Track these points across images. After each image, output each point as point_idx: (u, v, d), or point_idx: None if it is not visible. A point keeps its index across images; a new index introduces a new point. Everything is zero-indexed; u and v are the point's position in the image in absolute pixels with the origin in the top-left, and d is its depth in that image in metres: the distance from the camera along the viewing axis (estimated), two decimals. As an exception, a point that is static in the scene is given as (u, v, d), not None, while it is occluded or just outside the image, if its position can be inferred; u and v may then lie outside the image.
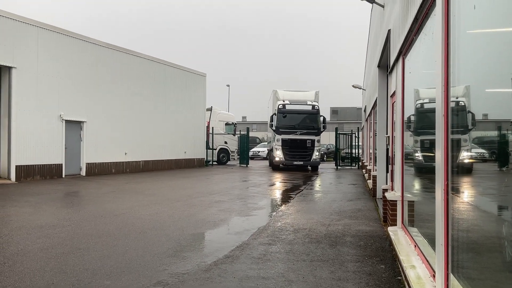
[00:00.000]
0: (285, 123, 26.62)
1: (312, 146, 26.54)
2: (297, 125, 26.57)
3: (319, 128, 26.85)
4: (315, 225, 9.11)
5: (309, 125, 26.65)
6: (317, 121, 26.75)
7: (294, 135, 26.38)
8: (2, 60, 16.88)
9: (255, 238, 7.93)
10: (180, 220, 9.60)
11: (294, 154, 26.46)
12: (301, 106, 26.90)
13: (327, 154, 43.81)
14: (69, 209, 11.00)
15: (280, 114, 26.61)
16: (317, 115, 26.84)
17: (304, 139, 26.39)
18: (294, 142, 26.40)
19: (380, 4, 11.43)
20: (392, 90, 8.82)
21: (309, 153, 26.54)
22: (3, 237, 7.71)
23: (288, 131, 26.45)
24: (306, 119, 26.74)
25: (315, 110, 26.81)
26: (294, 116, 26.73)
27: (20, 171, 17.52)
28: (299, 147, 26.39)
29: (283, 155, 26.44)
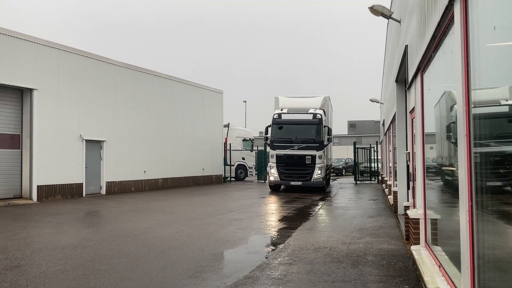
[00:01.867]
0: (281, 135, 22.33)
1: (313, 163, 21.76)
2: (294, 138, 22.05)
3: (321, 141, 22.01)
4: (336, 244, 9.00)
5: (309, 137, 21.97)
6: (319, 133, 22.02)
7: (290, 150, 21.91)
8: (24, 82, 17.26)
9: (275, 257, 7.85)
10: (199, 239, 9.58)
11: (290, 173, 21.99)
12: (300, 115, 22.47)
13: (346, 168, 43.47)
14: (90, 229, 11.07)
15: (276, 125, 22.50)
16: (319, 126, 22.03)
17: (302, 155, 21.83)
18: (290, 159, 21.92)
19: (397, 20, 11.40)
20: (411, 106, 8.74)
21: (309, 171, 21.80)
22: (25, 258, 7.78)
23: (284, 145, 22.08)
24: (305, 130, 22.08)
25: (316, 119, 22.02)
26: (291, 128, 22.28)
27: (41, 191, 17.76)
28: (296, 164, 21.89)
29: (278, 173, 22.17)
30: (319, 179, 21.92)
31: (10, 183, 17.36)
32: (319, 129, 22.04)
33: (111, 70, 21.72)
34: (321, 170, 21.90)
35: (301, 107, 23.11)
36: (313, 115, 22.16)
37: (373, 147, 33.21)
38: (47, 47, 18.31)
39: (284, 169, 22.13)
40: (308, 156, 21.80)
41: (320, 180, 21.95)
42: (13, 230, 10.78)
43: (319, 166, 21.82)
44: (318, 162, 21.81)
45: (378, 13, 11.26)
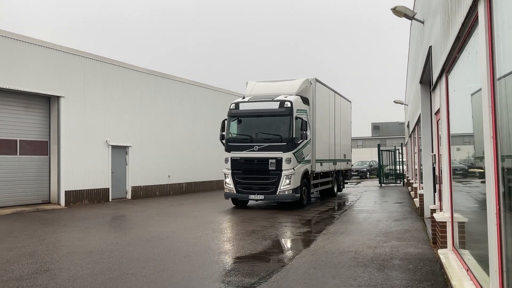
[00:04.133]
0: (238, 132, 16.83)
1: (278, 168, 15.68)
2: (255, 135, 16.29)
3: (291, 139, 15.86)
4: (361, 247, 8.93)
5: (275, 134, 16.07)
6: (288, 128, 15.98)
7: (249, 152, 16.15)
8: (52, 90, 17.66)
9: (299, 261, 7.84)
10: (224, 243, 9.63)
11: (249, 183, 16.18)
12: (263, 103, 16.55)
13: (370, 171, 43.03)
14: (117, 233, 11.25)
15: (231, 118, 16.93)
16: (288, 118, 15.97)
17: (264, 158, 15.90)
18: (249, 163, 16.17)
19: (420, 20, 11.28)
20: (436, 108, 8.63)
21: (273, 180, 15.76)
22: (54, 263, 7.96)
23: (241, 146, 16.37)
24: (269, 124, 16.38)
25: (283, 109, 16.01)
26: (250, 121, 16.65)
27: (69, 196, 18.12)
28: (256, 172, 16.06)
29: (234, 184, 16.35)
30: (287, 192, 15.61)
31: (39, 188, 17.77)
32: (288, 122, 15.90)
33: (135, 76, 22.05)
34: (290, 178, 15.62)
35: (270, 94, 17.13)
36: (279, 103, 16.06)
37: (398, 149, 32.82)
38: (73, 55, 18.70)
39: (241, 177, 16.21)
40: (272, 160, 15.71)
41: (289, 194, 15.62)
42: (42, 234, 11.03)
43: (287, 174, 15.56)
44: (286, 168, 15.61)
45: (401, 14, 11.17)
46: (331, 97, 20.96)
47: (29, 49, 16.83)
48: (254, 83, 18.40)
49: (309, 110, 17.62)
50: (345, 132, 23.95)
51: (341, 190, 23.21)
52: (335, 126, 21.39)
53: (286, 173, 15.57)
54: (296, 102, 16.36)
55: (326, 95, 20.08)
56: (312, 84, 18.11)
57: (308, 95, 17.83)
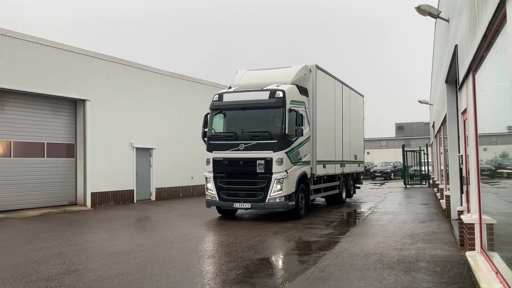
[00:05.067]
0: (221, 129, 14.44)
1: (268, 171, 13.15)
2: (240, 132, 13.74)
3: (283, 136, 13.21)
4: (386, 250, 8.82)
5: (263, 130, 13.47)
6: (280, 122, 13.36)
7: (233, 151, 13.64)
8: (78, 94, 17.99)
9: (325, 262, 7.79)
10: (247, 244, 9.64)
11: (234, 189, 13.68)
12: (250, 94, 14.02)
13: (394, 172, 42.51)
14: (142, 235, 11.38)
15: (214, 112, 14.53)
16: (279, 110, 13.34)
17: (250, 159, 13.38)
18: (233, 165, 13.69)
19: (445, 19, 11.11)
20: (463, 107, 8.48)
21: (261, 186, 13.19)
22: (81, 263, 8.10)
23: (225, 144, 13.84)
24: (257, 118, 13.93)
25: (273, 99, 13.38)
26: (235, 115, 14.23)
27: (95, 197, 18.42)
28: (242, 175, 13.57)
29: (216, 190, 13.82)
30: (278, 199, 13.01)
31: (66, 190, 18.11)
32: (280, 116, 13.29)
33: (157, 79, 22.29)
34: (282, 183, 12.99)
35: (261, 83, 14.53)
36: (270, 93, 13.47)
37: (423, 150, 32.34)
38: (98, 59, 19.02)
39: (224, 182, 13.74)
40: (260, 161, 13.17)
41: (281, 201, 13.02)
42: (69, 235, 11.24)
43: (278, 177, 12.96)
44: (276, 170, 13.02)
45: (425, 13, 11.01)
46: (338, 89, 18.00)
47: (56, 53, 17.17)
48: (244, 72, 15.80)
49: (308, 102, 14.97)
50: (356, 130, 20.89)
51: (351, 196, 20.33)
52: (343, 123, 18.42)
53: (277, 176, 12.95)
54: (290, 91, 13.66)
55: (331, 86, 17.22)
56: (312, 72, 15.23)
57: (307, 84, 15.09)
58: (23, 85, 15.95)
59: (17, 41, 15.89)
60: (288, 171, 13.21)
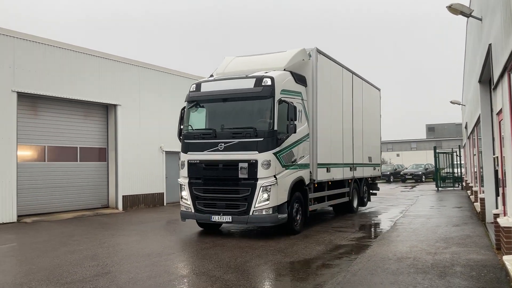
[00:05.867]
0: (198, 125, 11.97)
1: (252, 176, 10.77)
2: (220, 129, 11.36)
3: (272, 133, 10.80)
4: (420, 254, 8.64)
5: (248, 126, 11.02)
6: (267, 115, 10.97)
7: (211, 152, 11.27)
8: (109, 99, 18.36)
9: (357, 267, 7.69)
10: (278, 246, 9.61)
11: (212, 198, 11.24)
12: (233, 82, 11.53)
13: (426, 174, 41.72)
14: (172, 237, 11.50)
15: (190, 104, 12.05)
16: (267, 101, 10.96)
17: (231, 161, 11.02)
18: (211, 169, 11.40)
19: (477, 18, 10.85)
20: (498, 108, 8.25)
21: (245, 194, 10.83)
22: (115, 265, 8.22)
23: (202, 143, 11.45)
24: (240, 112, 11.54)
25: (259, 88, 10.98)
26: (215, 108, 11.96)
27: (126, 200, 18.72)
28: (221, 181, 11.24)
29: (192, 199, 11.41)
30: (265, 211, 10.55)
31: (98, 193, 18.47)
32: (268, 108, 10.86)
33: (185, 83, 22.48)
34: (269, 191, 10.55)
35: (248, 70, 12.01)
36: (256, 81, 11.03)
37: (455, 152, 31.65)
38: (128, 64, 19.38)
39: (201, 190, 11.30)
40: (243, 164, 10.74)
41: (268, 214, 10.54)
42: (102, 238, 11.44)
43: (265, 184, 10.54)
44: (263, 175, 10.61)
45: (457, 12, 10.78)
46: (347, 79, 15.44)
47: (88, 60, 17.58)
48: (232, 59, 13.25)
49: (307, 93, 12.43)
50: (371, 128, 18.15)
51: (364, 204, 17.43)
52: (353, 119, 15.79)
53: (264, 183, 10.46)
54: (281, 79, 11.18)
55: (337, 75, 14.60)
56: (312, 58, 12.61)
57: (306, 72, 12.53)
58: (58, 91, 16.37)
59: (52, 48, 16.34)
60: (277, 176, 10.67)
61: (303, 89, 12.27)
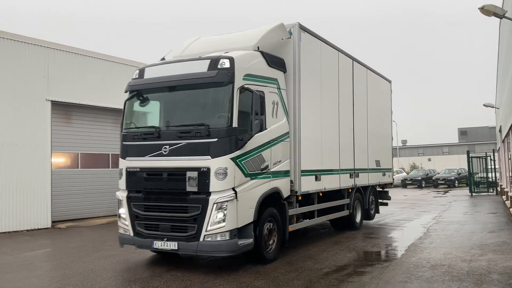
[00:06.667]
0: (140, 122, 9.60)
1: (203, 190, 7.92)
2: (165, 127, 8.75)
3: (230, 131, 7.93)
4: (454, 261, 8.43)
5: (198, 122, 8.23)
6: (225, 108, 8.05)
7: (153, 158, 8.49)
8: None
9: (389, 274, 7.56)
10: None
11: (153, 218, 8.43)
12: (182, 65, 8.74)
13: (459, 179, 40.78)
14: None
15: (132, 95, 9.34)
16: (224, 90, 8.07)
17: (178, 169, 8.23)
18: (153, 180, 8.59)
19: (511, 18, 10.59)
20: (535, 110, 8.00)
21: (193, 213, 7.95)
22: (147, 270, 8.29)
23: (142, 146, 8.78)
24: (191, 104, 8.72)
25: (213, 72, 8.12)
26: (161, 100, 9.23)
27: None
28: (166, 196, 8.38)
29: (131, 219, 8.67)
30: (220, 237, 7.79)
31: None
32: (225, 98, 8.13)
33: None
34: (225, 210, 7.79)
35: (211, 51, 9.26)
36: (210, 63, 8.34)
37: (489, 156, 30.85)
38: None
39: (142, 207, 8.64)
40: (191, 173, 8.07)
41: (225, 240, 7.76)
42: (134, 244, 11.57)
43: (220, 200, 7.81)
44: (217, 188, 7.89)
45: (490, 13, 10.56)
46: (345, 66, 12.60)
47: (115, 67, 17.91)
48: (194, 39, 10.48)
49: (287, 81, 9.68)
50: (378, 126, 15.04)
51: (371, 218, 14.42)
52: (354, 115, 12.91)
53: (218, 198, 7.74)
54: (245, 60, 8.54)
55: (331, 60, 11.82)
56: (294, 36, 9.88)
57: (285, 54, 9.84)
58: (89, 99, 16.75)
59: (83, 57, 16.75)
60: (238, 188, 7.91)
61: (280, 75, 9.49)
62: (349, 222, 12.72)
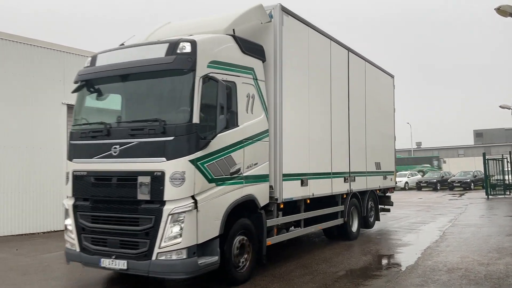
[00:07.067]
0: (92, 119, 7.82)
1: (157, 198, 6.48)
2: (116, 123, 7.31)
3: (190, 128, 6.48)
4: (472, 264, 8.33)
5: (152, 117, 6.80)
6: (185, 100, 6.63)
7: (102, 159, 7.05)
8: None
9: (405, 278, 7.50)
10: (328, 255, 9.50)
11: (102, 231, 6.95)
12: (137, 50, 7.32)
13: (474, 182, 40.27)
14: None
15: (81, 85, 7.71)
16: (184, 78, 6.64)
17: (128, 173, 6.78)
18: (102, 185, 7.10)
19: (529, 18, 10.45)
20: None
21: (146, 227, 6.51)
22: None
23: (90, 146, 7.31)
24: (146, 96, 7.39)
25: (170, 58, 6.67)
26: (112, 91, 7.81)
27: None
28: (115, 205, 6.90)
29: (77, 231, 7.20)
30: (175, 255, 6.33)
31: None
32: (185, 89, 6.68)
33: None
34: (182, 223, 6.34)
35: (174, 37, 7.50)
36: (168, 47, 6.83)
37: (506, 158, 30.47)
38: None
39: (89, 217, 7.16)
40: (143, 179, 6.58)
41: (181, 260, 6.31)
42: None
43: (176, 211, 6.34)
44: (172, 197, 6.44)
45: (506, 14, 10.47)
46: (339, 57, 11.27)
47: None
48: (163, 24, 9.27)
49: (266, 71, 8.35)
50: (379, 125, 13.75)
51: (370, 226, 13.06)
52: (349, 112, 11.59)
53: (174, 209, 6.38)
54: (211, 45, 7.22)
55: (321, 49, 10.46)
56: (275, 20, 8.53)
57: (264, 40, 8.48)
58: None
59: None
60: (199, 197, 6.54)
61: (257, 64, 8.16)
62: (344, 232, 11.35)
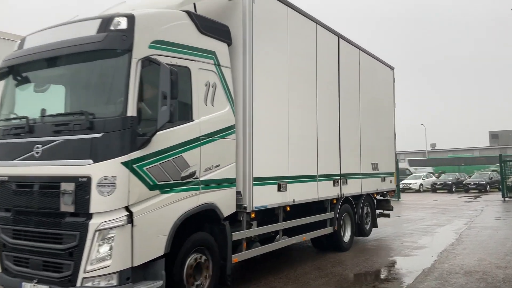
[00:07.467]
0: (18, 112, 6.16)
1: (82, 210, 5.09)
2: (40, 118, 5.74)
3: (123, 122, 5.11)
4: (489, 267, 8.26)
5: (77, 111, 5.55)
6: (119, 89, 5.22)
7: (23, 162, 5.62)
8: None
9: (421, 281, 7.46)
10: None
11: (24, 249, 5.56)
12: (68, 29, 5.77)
13: (490, 184, 39.74)
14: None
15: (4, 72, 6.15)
16: (118, 60, 5.26)
17: (49, 180, 5.38)
18: (23, 193, 5.62)
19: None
20: None
21: (69, 246, 5.11)
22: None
23: (11, 145, 5.86)
24: (73, 84, 6.16)
25: (101, 36, 5.26)
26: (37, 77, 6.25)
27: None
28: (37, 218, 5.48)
29: None
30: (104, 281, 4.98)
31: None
32: (118, 74, 5.30)
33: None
34: (112, 242, 4.98)
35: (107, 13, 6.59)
36: (100, 24, 5.39)
37: (523, 159, 30.08)
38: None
39: (10, 232, 5.75)
40: (67, 186, 5.15)
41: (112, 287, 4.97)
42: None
43: (103, 227, 4.99)
44: (100, 209, 5.05)
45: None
46: (327, 44, 9.72)
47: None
48: (116, 4, 7.63)
49: (232, 56, 6.98)
50: (376, 121, 12.08)
51: (366, 234, 11.68)
52: (340, 106, 10.00)
53: (101, 224, 5.02)
54: (154, 20, 5.82)
55: (305, 33, 8.96)
56: None
57: (231, 20, 7.05)
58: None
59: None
60: (135, 208, 5.26)
61: (220, 47, 6.77)
62: (334, 241, 9.96)
